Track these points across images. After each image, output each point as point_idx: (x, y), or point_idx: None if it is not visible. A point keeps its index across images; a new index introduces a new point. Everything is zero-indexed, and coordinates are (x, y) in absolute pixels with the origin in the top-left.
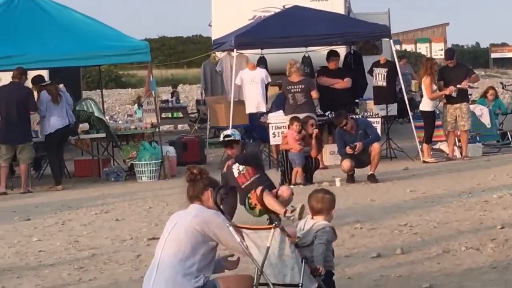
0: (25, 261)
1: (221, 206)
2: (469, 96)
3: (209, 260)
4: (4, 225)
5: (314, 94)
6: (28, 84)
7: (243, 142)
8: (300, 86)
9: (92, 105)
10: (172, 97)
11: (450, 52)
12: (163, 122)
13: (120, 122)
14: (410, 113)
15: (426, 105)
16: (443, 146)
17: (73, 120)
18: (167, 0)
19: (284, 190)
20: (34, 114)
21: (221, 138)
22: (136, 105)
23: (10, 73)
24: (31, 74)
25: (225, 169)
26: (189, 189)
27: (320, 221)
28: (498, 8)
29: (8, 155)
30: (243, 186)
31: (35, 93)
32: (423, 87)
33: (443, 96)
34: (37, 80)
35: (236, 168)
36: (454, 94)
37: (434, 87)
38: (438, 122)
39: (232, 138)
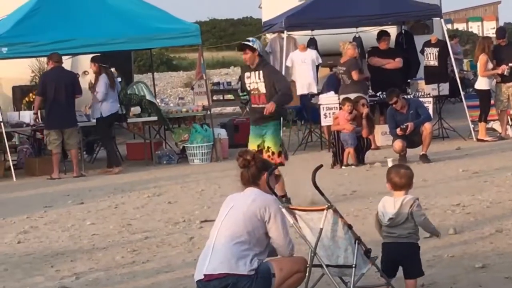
0: (79, 245)
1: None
2: None
3: (265, 244)
4: (58, 209)
5: (354, 75)
6: (68, 67)
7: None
8: (343, 68)
9: (144, 89)
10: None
11: (501, 31)
12: (214, 105)
13: (171, 105)
14: (462, 93)
15: (481, 83)
16: (496, 125)
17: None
18: None
19: None
20: (80, 97)
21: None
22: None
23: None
24: (83, 58)
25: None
26: (243, 174)
27: (407, 196)
28: None
29: (58, 140)
30: None
31: (93, 74)
32: (478, 65)
33: (496, 74)
34: (98, 59)
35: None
36: (506, 73)
37: (490, 65)
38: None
39: (248, 43)
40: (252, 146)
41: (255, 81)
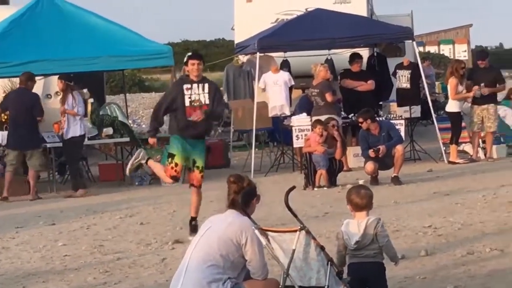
0: (51, 266)
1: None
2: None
3: (240, 267)
4: (30, 229)
5: (328, 97)
6: (40, 87)
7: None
8: (316, 90)
9: (116, 110)
10: None
11: (483, 53)
12: None
13: (143, 126)
14: (433, 115)
15: (452, 106)
16: (467, 147)
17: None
18: (189, 4)
19: None
20: (41, 120)
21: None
22: None
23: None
24: (55, 79)
25: None
26: (234, 199)
27: (370, 217)
28: None
29: (14, 160)
30: None
31: (62, 92)
32: (448, 88)
33: (469, 96)
34: (65, 76)
35: None
36: (477, 95)
37: (460, 88)
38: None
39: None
40: (181, 160)
41: (198, 93)
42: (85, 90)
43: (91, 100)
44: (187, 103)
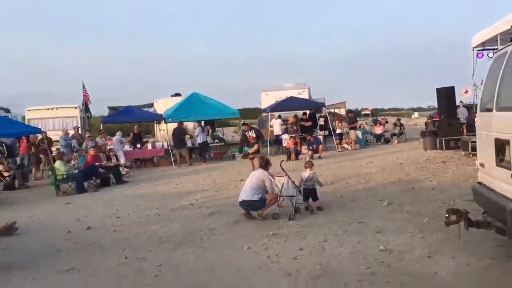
0: (204, 188)
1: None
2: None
3: (264, 189)
4: (190, 176)
5: (294, 128)
6: (189, 124)
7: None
8: (290, 125)
9: (219, 133)
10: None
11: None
12: None
13: (228, 138)
14: (333, 134)
15: (338, 131)
16: (345, 145)
17: None
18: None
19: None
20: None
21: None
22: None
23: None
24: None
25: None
26: (261, 165)
27: (312, 171)
28: None
29: (179, 154)
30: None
31: (198, 125)
32: (336, 123)
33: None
34: (199, 121)
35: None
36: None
37: (339, 124)
38: None
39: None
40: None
41: (250, 134)
42: (207, 126)
43: (209, 129)
44: (248, 137)
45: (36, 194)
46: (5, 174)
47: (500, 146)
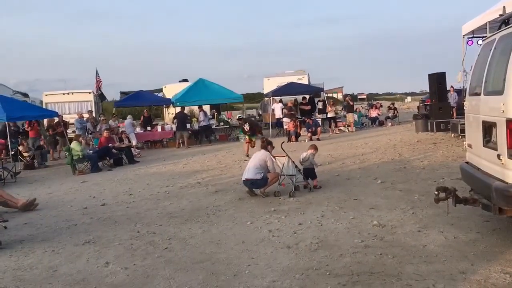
0: (210, 168)
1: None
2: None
3: (266, 169)
4: (197, 157)
5: (291, 111)
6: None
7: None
8: (289, 108)
9: (224, 116)
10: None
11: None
12: None
13: (232, 121)
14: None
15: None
16: (342, 127)
17: None
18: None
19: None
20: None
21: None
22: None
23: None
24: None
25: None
26: (263, 145)
27: (310, 152)
28: None
29: (179, 136)
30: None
31: (199, 110)
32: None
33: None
34: (201, 106)
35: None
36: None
37: (333, 108)
38: None
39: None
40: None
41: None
42: (213, 110)
43: (215, 112)
44: (244, 129)
45: (54, 173)
46: (25, 154)
47: (487, 128)
